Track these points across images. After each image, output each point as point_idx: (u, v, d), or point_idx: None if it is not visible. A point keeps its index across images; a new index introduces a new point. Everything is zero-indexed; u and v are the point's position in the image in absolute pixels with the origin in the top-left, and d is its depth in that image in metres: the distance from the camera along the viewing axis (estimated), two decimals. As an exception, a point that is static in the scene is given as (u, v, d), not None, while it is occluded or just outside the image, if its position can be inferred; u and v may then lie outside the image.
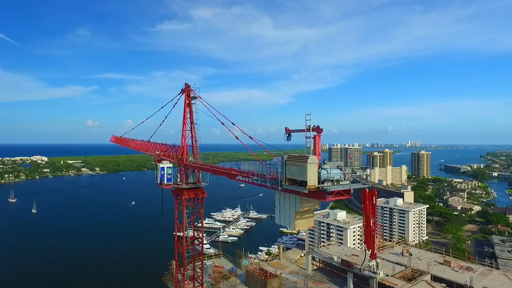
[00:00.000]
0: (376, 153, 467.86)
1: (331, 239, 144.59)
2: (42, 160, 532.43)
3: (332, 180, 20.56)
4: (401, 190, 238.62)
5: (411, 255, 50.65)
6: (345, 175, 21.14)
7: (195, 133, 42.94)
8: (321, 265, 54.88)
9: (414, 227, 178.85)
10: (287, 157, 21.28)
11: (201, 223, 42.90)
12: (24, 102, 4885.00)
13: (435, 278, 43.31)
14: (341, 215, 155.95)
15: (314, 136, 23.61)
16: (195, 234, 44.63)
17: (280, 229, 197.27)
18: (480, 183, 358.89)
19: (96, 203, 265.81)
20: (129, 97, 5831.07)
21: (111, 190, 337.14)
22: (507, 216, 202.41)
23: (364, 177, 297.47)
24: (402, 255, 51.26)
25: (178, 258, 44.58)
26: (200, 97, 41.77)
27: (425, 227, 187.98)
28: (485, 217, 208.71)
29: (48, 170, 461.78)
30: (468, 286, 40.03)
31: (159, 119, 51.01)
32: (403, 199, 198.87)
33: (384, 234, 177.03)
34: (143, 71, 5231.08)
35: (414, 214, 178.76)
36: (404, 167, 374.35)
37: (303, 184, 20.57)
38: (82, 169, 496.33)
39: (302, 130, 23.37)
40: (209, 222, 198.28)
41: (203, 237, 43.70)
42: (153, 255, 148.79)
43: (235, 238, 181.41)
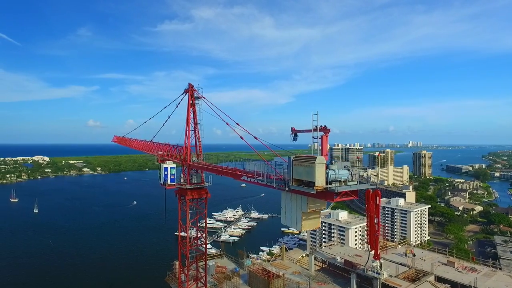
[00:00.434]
0: (377, 153, 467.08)
1: (333, 239, 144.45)
2: (44, 160, 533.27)
3: (340, 181, 20.48)
4: (403, 190, 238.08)
5: (415, 256, 50.48)
6: (353, 176, 21.03)
7: (199, 133, 42.93)
8: (324, 266, 54.74)
9: (416, 228, 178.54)
10: (294, 158, 21.14)
11: (205, 224, 42.81)
12: (26, 102, 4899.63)
13: (439, 279, 43.10)
14: (343, 215, 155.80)
15: (321, 136, 23.48)
16: (198, 235, 44.56)
17: (282, 229, 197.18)
18: (482, 183, 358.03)
19: (98, 203, 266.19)
20: (130, 97, 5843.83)
21: (113, 190, 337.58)
22: (509, 216, 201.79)
23: (365, 177, 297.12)
24: (406, 256, 51.07)
25: (181, 259, 44.51)
26: (204, 97, 41.79)
27: (427, 228, 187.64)
28: (487, 217, 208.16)
29: (50, 170, 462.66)
30: (473, 287, 39.87)
31: (161, 119, 51.08)
32: (405, 199, 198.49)
33: (386, 235, 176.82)
34: (144, 71, 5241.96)
35: (416, 215, 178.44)
36: (406, 167, 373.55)
37: (311, 185, 20.44)
38: (84, 169, 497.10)
39: (309, 130, 23.22)
40: (211, 222, 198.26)
41: (207, 238, 43.64)
42: (155, 255, 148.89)
43: (237, 238, 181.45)
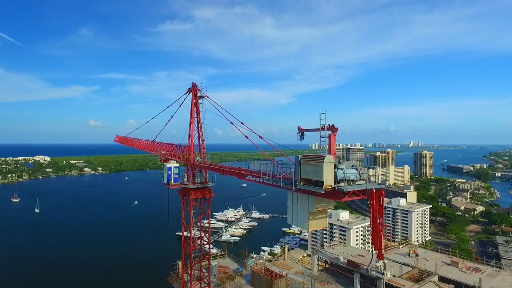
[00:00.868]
0: (379, 153, 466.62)
1: (334, 239, 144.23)
2: (45, 160, 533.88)
3: (348, 180, 20.31)
4: (404, 190, 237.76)
5: (418, 256, 50.34)
6: (361, 175, 20.89)
7: (202, 133, 42.82)
8: (326, 266, 54.63)
9: (417, 228, 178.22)
10: (302, 157, 20.97)
11: (208, 224, 42.68)
12: (27, 102, 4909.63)
13: (443, 279, 42.96)
14: (344, 215, 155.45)
15: (329, 135, 23.28)
16: (201, 235, 44.40)
17: (283, 229, 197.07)
18: (483, 183, 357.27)
19: (99, 203, 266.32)
20: (131, 97, 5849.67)
21: (114, 190, 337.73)
22: (511, 217, 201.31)
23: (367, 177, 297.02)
24: (409, 256, 50.93)
25: (185, 258, 44.37)
26: (208, 96, 41.65)
27: (428, 228, 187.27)
28: (489, 218, 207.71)
29: (51, 170, 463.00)
30: (477, 287, 39.70)
31: (162, 119, 51.03)
32: (406, 199, 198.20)
33: (387, 235, 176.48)
34: (145, 71, 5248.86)
35: (417, 215, 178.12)
36: (407, 167, 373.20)
37: (319, 184, 20.26)
38: (85, 169, 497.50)
39: (316, 129, 23.03)
40: (212, 222, 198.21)
41: (210, 238, 43.52)
42: (157, 255, 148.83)
43: (238, 238, 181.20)
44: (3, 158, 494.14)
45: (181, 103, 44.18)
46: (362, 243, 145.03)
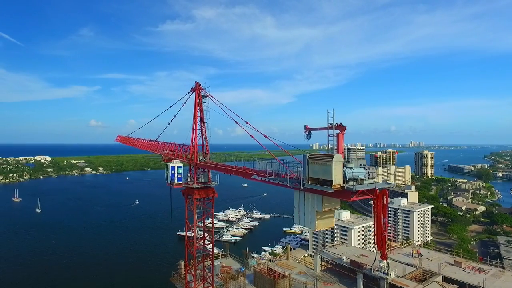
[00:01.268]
0: (380, 153, 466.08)
1: (335, 239, 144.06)
2: (46, 160, 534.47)
3: (357, 180, 20.16)
4: (405, 190, 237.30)
5: (421, 256, 50.16)
6: (369, 174, 20.74)
7: (206, 132, 42.72)
8: (329, 266, 54.47)
9: (419, 228, 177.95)
10: (310, 156, 20.80)
11: (212, 223, 42.58)
12: (28, 102, 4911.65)
13: (447, 279, 42.78)
14: (345, 215, 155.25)
15: (337, 134, 23.10)
16: (205, 235, 44.31)
17: (284, 229, 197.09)
18: (485, 183, 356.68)
19: (100, 203, 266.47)
20: (132, 97, 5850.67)
21: (115, 190, 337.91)
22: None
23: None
24: (412, 256, 50.75)
25: (188, 258, 44.22)
26: (211, 96, 41.57)
27: (430, 228, 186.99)
28: (490, 218, 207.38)
29: (52, 170, 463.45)
30: (481, 288, 39.54)
31: (163, 119, 51.06)
32: (407, 199, 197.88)
33: (389, 235, 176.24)
34: (146, 71, 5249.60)
35: (419, 214, 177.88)
36: (408, 167, 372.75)
37: (327, 184, 20.09)
38: (86, 169, 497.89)
39: (324, 128, 22.86)
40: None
41: (213, 237, 43.41)
42: (158, 255, 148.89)
43: (239, 238, 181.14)
44: (4, 158, 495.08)
45: (184, 103, 44.24)
46: (364, 243, 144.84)
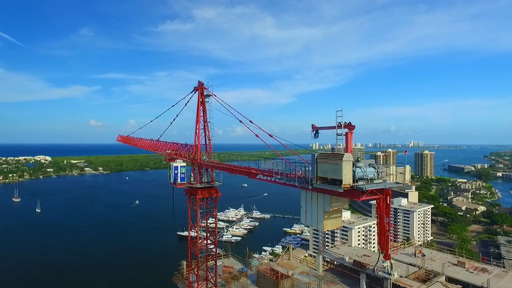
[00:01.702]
0: (380, 153, 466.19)
1: (336, 240, 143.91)
2: (46, 160, 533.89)
3: (366, 179, 19.98)
4: (405, 190, 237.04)
5: (424, 256, 50.07)
6: (379, 174, 20.58)
7: (209, 132, 42.58)
8: (331, 266, 54.37)
9: (419, 228, 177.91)
10: (319, 155, 20.63)
11: (215, 223, 42.41)
12: (28, 102, 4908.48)
13: (450, 280, 42.68)
14: (346, 215, 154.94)
15: (346, 133, 22.94)
16: (207, 235, 44.14)
17: (284, 229, 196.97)
18: (485, 183, 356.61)
19: (100, 203, 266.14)
20: (132, 97, 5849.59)
21: (115, 190, 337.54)
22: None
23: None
24: (415, 256, 50.66)
25: (190, 259, 44.04)
26: (215, 95, 41.43)
27: (430, 228, 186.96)
28: (490, 218, 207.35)
29: (52, 170, 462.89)
30: (485, 288, 39.41)
31: (164, 119, 50.94)
32: (408, 199, 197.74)
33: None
34: (146, 71, 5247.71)
35: (419, 214, 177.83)
36: (408, 167, 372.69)
37: (336, 183, 19.89)
38: (85, 169, 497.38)
39: (332, 127, 22.70)
40: (213, 222, 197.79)
41: (216, 237, 43.26)
42: (159, 255, 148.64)
43: (239, 238, 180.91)
44: (4, 158, 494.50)
45: (187, 102, 44.07)
46: (364, 243, 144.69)
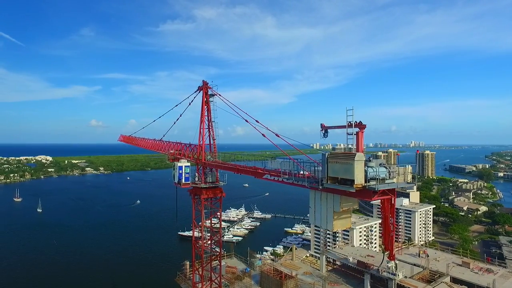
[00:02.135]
0: (380, 153, 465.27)
1: (337, 240, 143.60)
2: (47, 160, 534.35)
3: (378, 179, 19.69)
4: (407, 190, 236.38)
5: (428, 256, 49.86)
6: (390, 174, 20.33)
7: (213, 131, 42.34)
8: (335, 266, 54.16)
9: (421, 228, 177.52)
10: (330, 154, 20.32)
11: (219, 224, 42.22)
12: (29, 102, 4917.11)
13: (455, 280, 42.49)
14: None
15: (357, 133, 22.66)
16: (211, 235, 43.96)
17: (285, 229, 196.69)
18: (486, 183, 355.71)
19: (101, 203, 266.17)
20: (133, 97, 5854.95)
21: (116, 190, 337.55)
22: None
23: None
24: (419, 256, 50.44)
25: (193, 259, 43.83)
26: (220, 94, 41.17)
27: (432, 228, 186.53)
28: (492, 218, 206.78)
29: (53, 170, 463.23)
30: (490, 289, 39.16)
31: (165, 119, 50.83)
32: (409, 199, 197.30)
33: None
34: (147, 71, 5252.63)
35: (421, 215, 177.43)
36: (409, 167, 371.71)
37: (347, 183, 19.55)
38: (86, 169, 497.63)
39: (342, 126, 22.41)
40: (214, 222, 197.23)
41: (221, 238, 43.06)
42: (161, 255, 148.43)
43: (240, 238, 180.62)
44: (5, 158, 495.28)
45: (191, 102, 43.85)
46: (366, 243, 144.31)
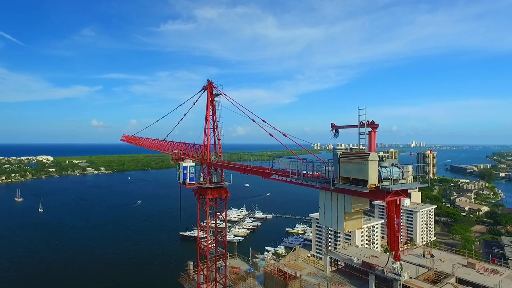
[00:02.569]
0: (382, 153, 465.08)
1: (339, 240, 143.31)
2: (48, 160, 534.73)
3: (391, 179, 19.50)
4: (408, 191, 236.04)
5: (433, 257, 49.60)
6: (403, 174, 20.13)
7: (218, 131, 42.20)
8: (339, 267, 53.92)
9: (422, 228, 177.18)
10: (342, 154, 20.14)
11: (224, 224, 42.07)
12: (30, 102, 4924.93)
13: (460, 281, 42.18)
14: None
15: (369, 132, 22.45)
16: (216, 236, 43.78)
17: (286, 229, 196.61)
18: (487, 184, 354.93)
19: (102, 203, 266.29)
20: (134, 97, 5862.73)
21: (117, 190, 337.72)
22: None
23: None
24: (424, 257, 50.19)
25: (197, 259, 43.68)
26: (225, 94, 41.00)
27: (433, 228, 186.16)
28: (494, 218, 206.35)
29: (54, 170, 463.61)
30: (497, 290, 38.89)
31: (166, 118, 50.63)
32: (411, 200, 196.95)
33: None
34: (148, 71, 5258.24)
35: (422, 215, 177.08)
36: (410, 167, 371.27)
37: (360, 183, 19.37)
38: (88, 169, 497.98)
39: (354, 126, 22.20)
40: (215, 222, 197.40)
41: (226, 238, 42.89)
42: (162, 255, 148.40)
43: (241, 238, 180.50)
44: (7, 158, 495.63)
45: (195, 101, 43.70)
46: (368, 244, 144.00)
